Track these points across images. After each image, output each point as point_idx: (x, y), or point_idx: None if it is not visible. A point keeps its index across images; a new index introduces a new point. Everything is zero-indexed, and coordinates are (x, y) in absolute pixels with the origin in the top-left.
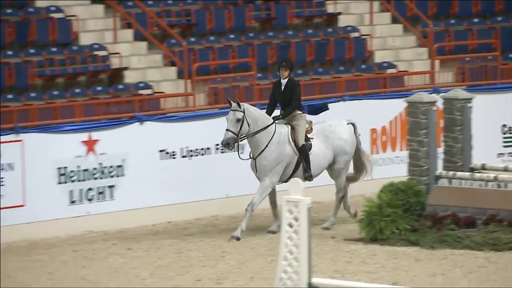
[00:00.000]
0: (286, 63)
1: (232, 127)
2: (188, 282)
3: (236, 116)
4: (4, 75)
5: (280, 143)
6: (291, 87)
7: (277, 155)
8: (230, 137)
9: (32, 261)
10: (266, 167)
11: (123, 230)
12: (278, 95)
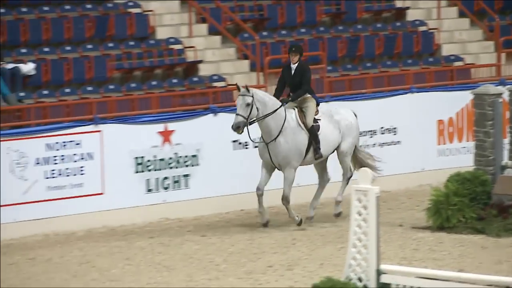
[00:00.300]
0: (296, 49)
1: (242, 111)
2: (260, 268)
3: (246, 101)
4: (84, 68)
5: (293, 130)
6: (301, 71)
7: (293, 143)
8: (240, 121)
9: (110, 247)
10: (286, 159)
11: (197, 218)
12: (288, 79)
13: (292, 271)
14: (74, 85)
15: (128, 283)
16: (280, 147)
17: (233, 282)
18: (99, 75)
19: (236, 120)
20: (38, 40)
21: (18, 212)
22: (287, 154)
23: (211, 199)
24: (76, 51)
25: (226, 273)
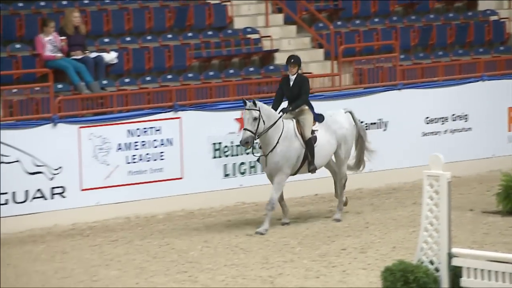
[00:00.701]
0: (294, 60)
1: (250, 126)
2: (333, 251)
3: (253, 115)
4: (164, 57)
5: (289, 138)
6: (300, 82)
7: (287, 150)
8: (249, 136)
9: (189, 229)
10: (278, 164)
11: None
12: (287, 90)
13: (365, 254)
14: (155, 73)
15: (206, 264)
16: (276, 158)
17: (307, 264)
18: (179, 63)
19: (244, 135)
20: (121, 30)
21: (100, 195)
22: (279, 161)
23: (287, 184)
24: (157, 41)
25: (301, 255)
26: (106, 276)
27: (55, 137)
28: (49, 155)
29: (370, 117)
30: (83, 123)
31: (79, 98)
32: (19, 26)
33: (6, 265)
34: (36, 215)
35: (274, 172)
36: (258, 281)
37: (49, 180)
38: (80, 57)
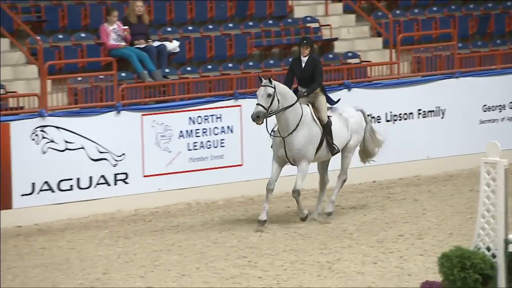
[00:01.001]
0: (307, 41)
1: (263, 102)
2: (391, 237)
3: (267, 91)
4: (225, 45)
5: (308, 123)
6: (313, 64)
7: (308, 136)
8: (261, 111)
9: (249, 215)
10: (300, 152)
11: (331, 189)
12: (298, 72)
13: (422, 240)
14: (216, 62)
15: (265, 250)
16: (297, 141)
17: (365, 250)
18: (239, 52)
19: (256, 109)
20: (183, 19)
21: (162, 182)
22: (303, 147)
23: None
24: (218, 30)
25: (359, 241)
26: (168, 261)
27: (119, 124)
28: (112, 142)
29: (428, 105)
30: (146, 111)
31: (142, 86)
32: (84, 15)
33: (70, 249)
34: (99, 200)
35: (298, 157)
36: (317, 266)
37: (112, 167)
38: (143, 46)
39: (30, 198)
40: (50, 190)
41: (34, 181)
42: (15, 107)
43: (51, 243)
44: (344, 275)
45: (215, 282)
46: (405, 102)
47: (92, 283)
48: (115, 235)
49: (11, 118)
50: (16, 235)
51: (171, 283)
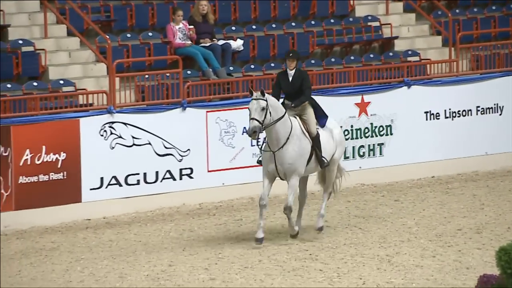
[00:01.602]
0: (293, 54)
1: (257, 116)
2: (450, 231)
3: (261, 105)
4: (288, 44)
5: (298, 137)
6: (300, 77)
7: (299, 150)
8: (256, 126)
9: (310, 209)
10: (291, 167)
11: (391, 184)
12: (286, 86)
13: (480, 234)
14: (279, 60)
15: (326, 243)
16: (288, 155)
17: (424, 243)
18: (302, 50)
19: (252, 124)
20: (247, 18)
21: (226, 177)
22: (294, 162)
23: (404, 166)
24: (281, 29)
25: (418, 235)
26: (231, 254)
27: (184, 120)
28: (178, 138)
29: (486, 102)
30: (210, 108)
31: (207, 84)
32: (151, 15)
33: (137, 241)
34: (165, 194)
35: (288, 172)
36: (376, 259)
37: (178, 162)
38: (208, 44)
39: (99, 192)
40: (118, 184)
41: (103, 176)
42: (85, 104)
43: (119, 235)
44: (403, 268)
45: (277, 274)
46: (463, 99)
47: (158, 275)
48: (180, 228)
49: (80, 115)
50: (85, 228)
51: (234, 275)
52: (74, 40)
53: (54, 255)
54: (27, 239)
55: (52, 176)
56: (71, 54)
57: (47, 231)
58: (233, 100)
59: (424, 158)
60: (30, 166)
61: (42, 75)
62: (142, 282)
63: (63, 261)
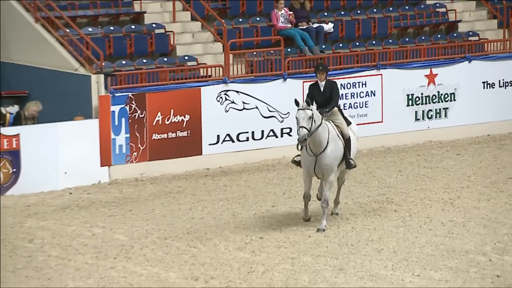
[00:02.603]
0: (322, 68)
1: (305, 124)
2: (502, 179)
3: (307, 114)
4: (370, 26)
5: (335, 139)
6: (331, 87)
7: (335, 150)
8: (305, 133)
9: (387, 162)
10: (331, 165)
11: (454, 141)
12: (318, 96)
13: None
14: (362, 39)
15: (399, 189)
16: (327, 158)
17: (480, 189)
18: (381, 32)
19: (301, 132)
20: (337, 6)
21: None
22: (332, 162)
23: (464, 126)
24: (365, 14)
25: (475, 182)
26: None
27: (284, 89)
28: (279, 103)
29: None
30: (306, 79)
31: (303, 59)
32: (259, 3)
33: (247, 187)
34: (269, 149)
35: (327, 172)
36: (441, 202)
37: (279, 122)
38: (305, 27)
39: (216, 146)
40: (231, 141)
41: (219, 134)
42: (205, 75)
43: (232, 182)
44: (463, 209)
45: (359, 214)
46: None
47: (263, 214)
48: (281, 176)
49: (201, 84)
50: (205, 176)
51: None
52: (197, 24)
53: (180, 197)
54: (158, 184)
55: (179, 133)
56: (194, 35)
57: (174, 178)
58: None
59: (481, 119)
60: (161, 125)
61: (171, 52)
62: (250, 219)
63: (187, 202)
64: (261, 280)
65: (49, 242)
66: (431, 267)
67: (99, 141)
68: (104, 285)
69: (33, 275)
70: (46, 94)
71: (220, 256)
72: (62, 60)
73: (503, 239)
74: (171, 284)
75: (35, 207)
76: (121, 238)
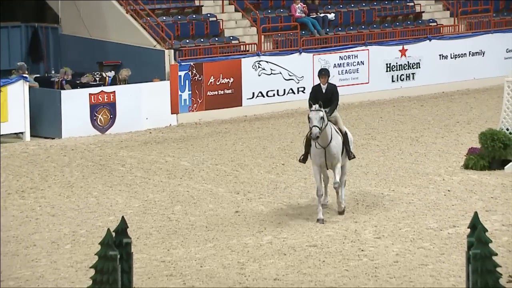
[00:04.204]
0: (324, 72)
1: (318, 123)
2: (452, 123)
3: (320, 115)
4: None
5: (336, 134)
6: (332, 89)
7: (337, 143)
8: (318, 131)
9: (371, 111)
10: (337, 153)
11: (418, 96)
12: (320, 96)
13: None
14: (355, 25)
15: (380, 130)
16: (334, 149)
17: (437, 130)
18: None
19: (315, 130)
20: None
21: None
22: (338, 153)
23: (426, 86)
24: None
25: (433, 125)
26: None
27: (300, 60)
28: (296, 70)
29: (473, 49)
30: (315, 53)
31: (313, 39)
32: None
33: (273, 129)
34: (288, 102)
35: (335, 161)
36: (409, 139)
37: (296, 83)
38: (314, 16)
39: (251, 100)
40: (262, 96)
41: (254, 91)
42: (244, 50)
43: (262, 125)
44: (425, 144)
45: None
46: (461, 48)
47: (284, 147)
48: (297, 121)
49: (241, 57)
50: (244, 121)
51: None
52: (238, 14)
53: (226, 136)
54: (211, 127)
55: (225, 91)
56: (237, 22)
57: (222, 122)
58: (328, 48)
59: (438, 81)
60: (213, 85)
61: (220, 34)
62: (275, 151)
63: (231, 139)
64: (283, 194)
65: (135, 166)
66: (402, 184)
67: (170, 96)
68: (173, 197)
69: (124, 189)
70: (133, 63)
71: (254, 177)
72: (144, 39)
73: (453, 165)
74: (220, 196)
75: (126, 142)
76: (185, 164)
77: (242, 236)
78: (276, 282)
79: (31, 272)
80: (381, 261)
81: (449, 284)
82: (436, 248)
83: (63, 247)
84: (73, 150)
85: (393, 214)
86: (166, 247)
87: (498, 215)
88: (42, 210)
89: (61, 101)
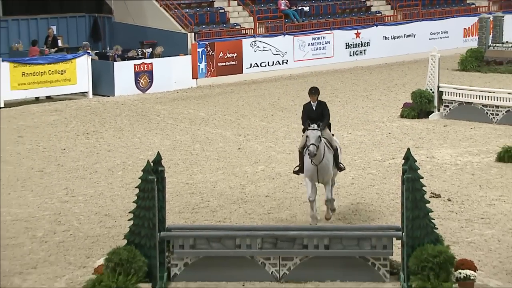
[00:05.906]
0: (314, 91)
1: (315, 142)
2: (370, 85)
3: (317, 134)
4: (327, 8)
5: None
6: (322, 106)
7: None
8: (315, 149)
9: (335, 77)
10: (329, 171)
11: (369, 66)
12: (310, 113)
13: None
14: (324, 15)
15: (341, 90)
16: (326, 166)
17: (382, 90)
18: (333, 11)
19: (313, 148)
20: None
21: (305, 64)
22: (329, 169)
23: (374, 59)
24: (325, 2)
25: (378, 87)
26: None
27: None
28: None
29: (405, 32)
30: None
31: (294, 25)
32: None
33: (266, 90)
34: (276, 70)
35: (327, 177)
36: (362, 96)
37: (281, 56)
38: (295, 9)
39: (250, 69)
40: (257, 66)
41: (251, 62)
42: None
43: (257, 87)
44: (373, 100)
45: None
46: (399, 31)
47: (274, 102)
48: (283, 84)
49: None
50: (244, 84)
51: None
52: (240, 7)
53: (231, 94)
54: (220, 88)
55: (231, 62)
56: (239, 13)
57: (229, 85)
58: (304, 32)
59: (382, 55)
60: (222, 58)
61: (227, 21)
62: (267, 106)
63: (235, 97)
64: (272, 136)
65: (167, 116)
66: (356, 129)
67: (191, 66)
68: (194, 138)
69: (159, 132)
70: (165, 43)
71: (251, 124)
72: (172, 25)
73: (392, 115)
74: (227, 137)
75: (160, 99)
76: (202, 115)
77: (243, 166)
78: (267, 198)
79: (93, 190)
80: (341, 183)
81: (389, 199)
82: (380, 174)
83: (116, 173)
84: (123, 104)
85: (350, 150)
86: (189, 174)
87: (424, 150)
88: (101, 147)
89: (114, 69)
